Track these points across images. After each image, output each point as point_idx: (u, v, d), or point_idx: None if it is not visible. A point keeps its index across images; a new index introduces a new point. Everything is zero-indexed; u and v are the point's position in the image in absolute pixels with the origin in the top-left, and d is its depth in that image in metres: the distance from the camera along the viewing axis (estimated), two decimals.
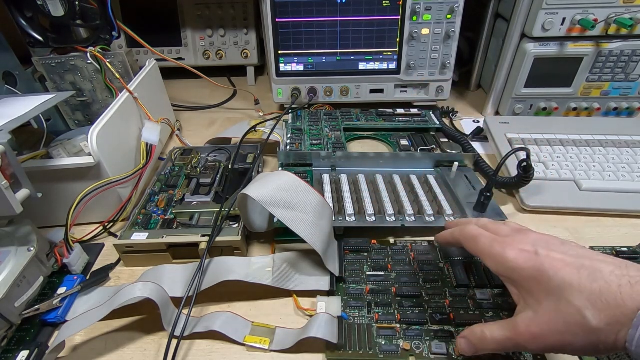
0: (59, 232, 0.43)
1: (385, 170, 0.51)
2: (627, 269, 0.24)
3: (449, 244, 0.36)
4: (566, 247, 0.27)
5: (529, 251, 0.27)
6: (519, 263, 0.27)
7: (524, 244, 0.28)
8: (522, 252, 0.27)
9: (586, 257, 0.26)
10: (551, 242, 0.28)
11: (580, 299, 0.24)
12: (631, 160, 0.51)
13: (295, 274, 0.38)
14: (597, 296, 0.23)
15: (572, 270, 0.25)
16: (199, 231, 0.41)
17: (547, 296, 0.25)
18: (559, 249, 0.27)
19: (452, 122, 0.67)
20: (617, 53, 0.57)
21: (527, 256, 0.27)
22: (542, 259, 0.26)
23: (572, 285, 0.24)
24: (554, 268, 0.26)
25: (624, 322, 0.22)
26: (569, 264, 0.25)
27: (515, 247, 0.28)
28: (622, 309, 0.22)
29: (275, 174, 0.38)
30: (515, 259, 0.27)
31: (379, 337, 0.33)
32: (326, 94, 0.67)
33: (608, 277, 0.24)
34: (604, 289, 0.23)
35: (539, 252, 0.27)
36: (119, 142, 0.46)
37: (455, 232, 0.34)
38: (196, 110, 0.74)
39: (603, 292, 0.23)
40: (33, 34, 0.51)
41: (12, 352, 0.32)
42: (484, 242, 0.30)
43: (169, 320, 0.34)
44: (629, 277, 0.23)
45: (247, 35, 0.78)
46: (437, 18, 0.59)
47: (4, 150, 0.31)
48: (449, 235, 0.35)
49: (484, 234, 0.31)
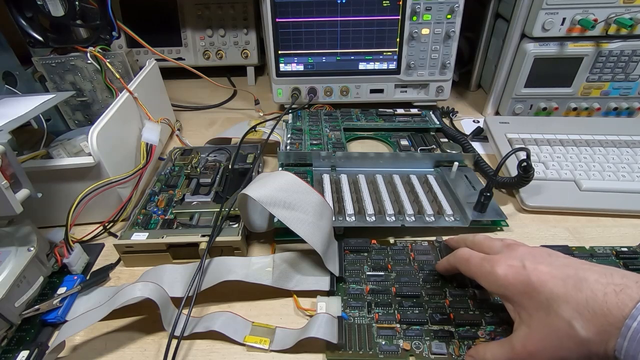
0: (59, 232, 0.43)
1: (385, 170, 0.51)
2: (612, 277, 0.24)
3: (448, 271, 0.37)
4: (552, 259, 0.27)
5: (516, 266, 0.27)
6: (509, 279, 0.27)
7: (512, 259, 0.28)
8: (511, 268, 0.28)
9: (571, 266, 0.26)
10: (538, 254, 0.28)
11: (567, 310, 0.24)
12: (631, 160, 0.51)
13: (295, 274, 0.38)
14: (583, 306, 0.23)
15: (558, 282, 0.25)
16: (199, 231, 0.41)
17: (538, 310, 0.26)
18: (545, 261, 0.27)
19: (452, 122, 0.67)
20: (617, 53, 0.57)
21: (515, 271, 0.27)
22: (529, 272, 0.27)
23: (559, 296, 0.24)
24: (540, 280, 0.26)
25: (612, 331, 0.22)
26: (554, 275, 0.26)
27: (504, 263, 0.28)
28: (608, 318, 0.22)
29: (275, 174, 0.38)
30: (505, 276, 0.28)
31: (379, 337, 0.33)
32: (326, 94, 0.67)
33: (593, 286, 0.24)
34: (589, 298, 0.23)
35: (526, 266, 0.27)
36: (119, 142, 0.46)
37: (450, 259, 0.35)
38: (196, 110, 0.74)
39: (589, 301, 0.23)
40: (33, 34, 0.51)
41: (12, 352, 0.32)
42: (474, 263, 0.31)
43: (169, 320, 0.34)
44: (613, 285, 0.23)
45: (247, 35, 0.78)
46: (437, 18, 0.59)
47: (4, 150, 0.31)
48: (446, 262, 0.36)
49: (474, 255, 0.31)
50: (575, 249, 0.41)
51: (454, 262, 0.34)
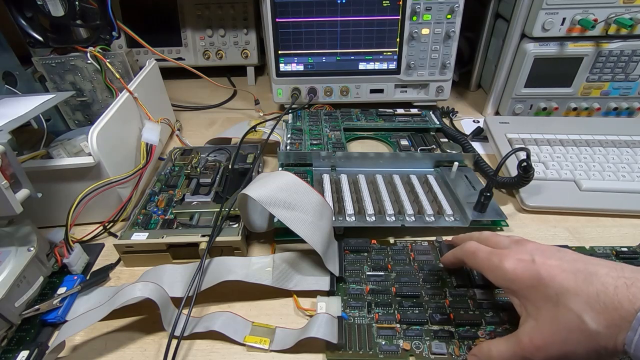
0: (59, 232, 0.43)
1: (385, 170, 0.51)
2: (622, 271, 0.24)
3: (453, 264, 0.37)
4: (562, 254, 0.27)
5: (525, 260, 0.27)
6: (517, 273, 0.27)
7: (521, 253, 0.28)
8: (519, 262, 0.28)
9: (581, 260, 0.26)
10: (547, 250, 0.28)
11: (578, 303, 0.24)
12: (631, 160, 0.51)
13: (295, 274, 0.38)
14: (594, 299, 0.23)
15: (568, 275, 0.25)
16: (199, 231, 0.41)
17: (546, 303, 0.26)
18: (555, 256, 0.27)
19: (452, 122, 0.67)
20: (617, 53, 0.57)
21: (524, 265, 0.27)
22: (539, 266, 0.26)
23: (568, 289, 0.24)
24: (550, 274, 0.26)
25: (622, 325, 0.22)
26: (565, 269, 0.26)
27: (512, 257, 0.28)
28: (619, 311, 0.22)
29: (275, 174, 0.38)
30: (513, 270, 0.27)
31: (379, 337, 0.33)
32: (326, 94, 0.67)
33: (604, 279, 0.24)
34: (600, 291, 0.23)
35: (536, 260, 0.27)
36: (119, 142, 0.46)
37: (456, 252, 0.35)
38: (196, 110, 0.74)
39: (600, 294, 0.23)
40: (33, 34, 0.51)
41: (12, 352, 0.32)
42: (482, 257, 0.31)
43: (169, 320, 0.34)
44: (624, 279, 0.23)
45: (247, 35, 0.78)
46: (437, 18, 0.59)
47: (4, 150, 0.31)
48: (452, 256, 0.36)
49: (482, 248, 0.31)
50: (575, 249, 0.41)
51: (461, 255, 0.34)
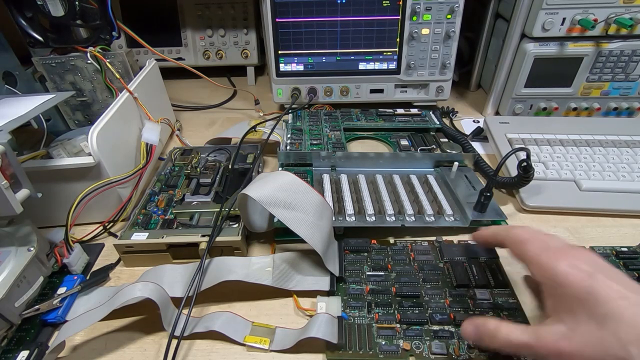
0: (59, 232, 0.43)
1: (385, 170, 0.51)
2: None
3: (486, 243, 0.35)
4: (622, 277, 0.26)
5: (584, 271, 0.26)
6: (570, 279, 0.26)
7: (579, 261, 0.27)
8: (575, 269, 0.26)
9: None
10: (607, 267, 0.27)
11: (629, 335, 0.23)
12: (631, 160, 0.51)
13: (295, 274, 0.38)
14: None
15: (626, 304, 0.24)
16: (199, 231, 0.41)
17: (589, 320, 0.25)
18: (616, 278, 0.26)
19: (452, 122, 0.67)
20: (617, 53, 0.57)
21: (581, 276, 0.26)
22: (598, 283, 0.25)
23: (622, 318, 0.24)
24: (608, 297, 0.25)
25: None
26: (625, 296, 0.24)
27: (568, 262, 0.27)
28: None
29: (275, 174, 0.38)
30: (566, 274, 0.26)
31: (379, 337, 0.33)
32: (326, 94, 0.67)
33: None
34: None
35: (596, 276, 0.25)
36: (119, 142, 0.46)
37: (500, 232, 0.33)
38: (196, 110, 0.74)
39: None
40: (33, 34, 0.51)
41: (12, 352, 0.32)
42: (533, 249, 0.29)
43: (169, 320, 0.34)
44: None
45: (247, 35, 0.78)
46: (437, 18, 0.59)
47: (4, 150, 0.31)
48: (491, 234, 0.34)
49: (534, 240, 0.29)
50: None
51: (505, 238, 0.31)
